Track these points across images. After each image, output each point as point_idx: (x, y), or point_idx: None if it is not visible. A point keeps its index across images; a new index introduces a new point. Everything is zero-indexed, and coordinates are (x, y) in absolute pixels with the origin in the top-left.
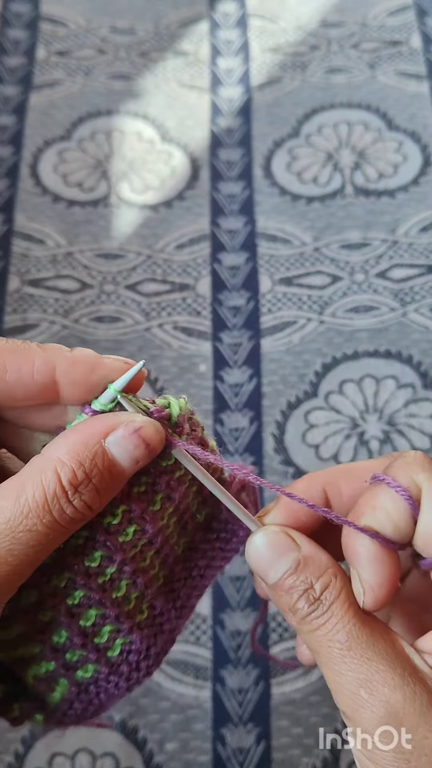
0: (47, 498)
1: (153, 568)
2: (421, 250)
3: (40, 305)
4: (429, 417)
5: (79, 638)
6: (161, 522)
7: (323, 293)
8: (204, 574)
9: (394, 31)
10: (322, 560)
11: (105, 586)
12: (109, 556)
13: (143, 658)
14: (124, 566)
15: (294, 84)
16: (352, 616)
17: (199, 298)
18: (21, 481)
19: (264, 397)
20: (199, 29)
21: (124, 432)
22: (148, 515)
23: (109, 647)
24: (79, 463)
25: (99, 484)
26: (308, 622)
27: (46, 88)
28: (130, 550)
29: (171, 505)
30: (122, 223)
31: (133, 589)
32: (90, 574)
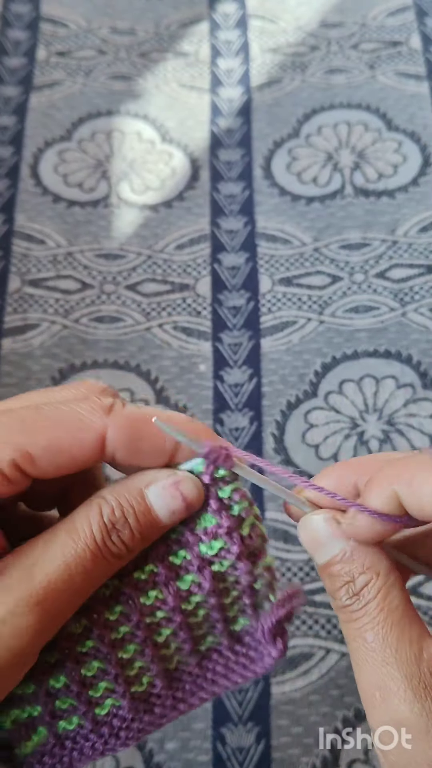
0: (93, 529)
1: (166, 647)
2: (421, 250)
3: (40, 305)
4: (429, 417)
5: (77, 686)
6: (185, 605)
7: (323, 293)
8: (217, 681)
9: (394, 32)
10: (368, 555)
11: (115, 642)
12: (127, 614)
13: (125, 727)
14: (138, 630)
15: (294, 84)
16: (383, 618)
17: (199, 298)
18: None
19: (264, 397)
20: (199, 30)
21: (165, 483)
22: (172, 588)
23: (99, 704)
24: (118, 503)
25: (134, 524)
26: (345, 612)
27: (47, 89)
28: (147, 616)
29: (200, 593)
30: (122, 223)
31: (139, 657)
32: (106, 626)
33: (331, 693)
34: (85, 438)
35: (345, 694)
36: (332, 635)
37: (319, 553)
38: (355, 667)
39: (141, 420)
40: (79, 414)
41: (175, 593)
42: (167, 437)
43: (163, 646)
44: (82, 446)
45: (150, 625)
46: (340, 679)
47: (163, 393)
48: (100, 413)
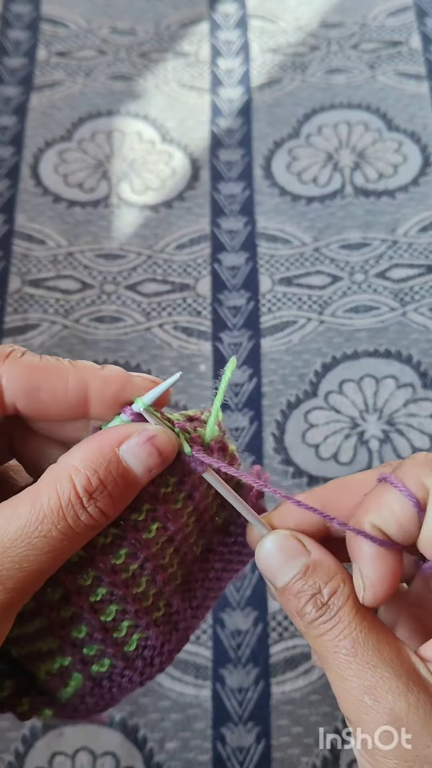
0: (62, 504)
1: (172, 566)
2: (421, 250)
3: (40, 305)
4: (429, 416)
5: (100, 633)
6: (182, 520)
7: (323, 293)
8: (220, 576)
9: (394, 32)
10: (330, 565)
11: (127, 582)
12: (133, 553)
13: (158, 654)
14: (146, 563)
15: (294, 84)
16: (359, 622)
17: (200, 298)
18: (37, 489)
19: (264, 396)
20: (200, 30)
21: (138, 440)
22: (170, 513)
23: (126, 642)
24: (93, 470)
25: (113, 491)
26: (315, 627)
27: (47, 89)
28: (152, 547)
29: (191, 503)
30: (123, 223)
31: (152, 586)
32: (115, 570)
33: (331, 693)
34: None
35: None
36: None
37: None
38: (335, 681)
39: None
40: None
41: (174, 516)
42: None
43: (168, 566)
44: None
45: (156, 554)
46: None
47: None
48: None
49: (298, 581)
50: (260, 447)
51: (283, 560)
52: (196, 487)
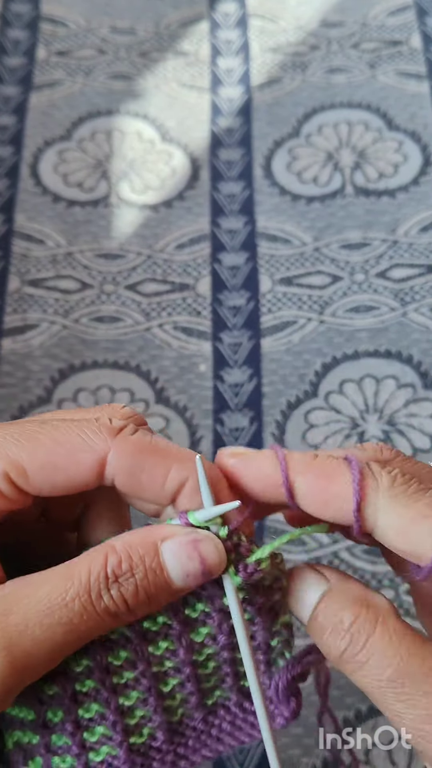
0: (90, 579)
1: (172, 698)
2: (421, 250)
3: (40, 305)
4: (429, 417)
5: (72, 726)
6: (198, 657)
7: (323, 293)
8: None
9: (395, 31)
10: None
11: (117, 688)
12: (133, 662)
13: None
14: (143, 678)
15: (294, 84)
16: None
17: (200, 298)
18: (78, 560)
19: (264, 397)
20: (200, 29)
21: (182, 539)
22: (186, 640)
23: (94, 749)
24: (128, 555)
25: (140, 582)
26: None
27: (47, 88)
28: (154, 666)
29: (214, 646)
30: (122, 223)
31: (142, 706)
32: (108, 670)
33: (332, 693)
34: (83, 459)
35: (345, 695)
36: None
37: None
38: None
39: (146, 449)
40: (81, 433)
41: (188, 646)
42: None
43: (168, 696)
44: (79, 467)
45: (157, 674)
46: (340, 680)
47: (163, 393)
48: (105, 436)
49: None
50: (260, 447)
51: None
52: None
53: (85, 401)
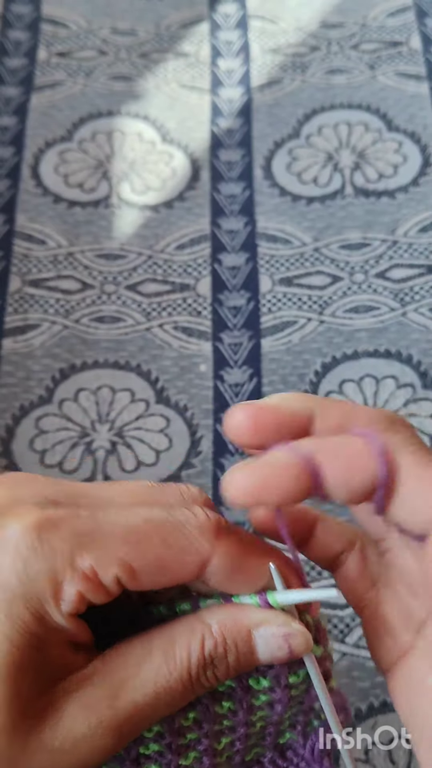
0: (191, 662)
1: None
2: (421, 251)
3: (41, 305)
4: (429, 417)
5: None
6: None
7: (323, 293)
8: None
9: (394, 32)
10: None
11: (180, 750)
12: (200, 721)
13: None
14: (204, 739)
15: (294, 85)
16: None
17: (200, 299)
18: (172, 638)
19: (264, 396)
20: (200, 30)
21: (276, 631)
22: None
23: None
24: (223, 638)
25: (233, 664)
26: None
27: (47, 89)
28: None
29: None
30: (123, 223)
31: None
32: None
33: None
34: (189, 561)
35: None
36: (332, 635)
37: None
38: None
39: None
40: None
41: (248, 709)
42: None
43: (219, 755)
44: (184, 569)
45: (216, 734)
46: (341, 680)
47: (164, 393)
48: (209, 536)
49: None
50: None
51: None
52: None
53: (86, 401)
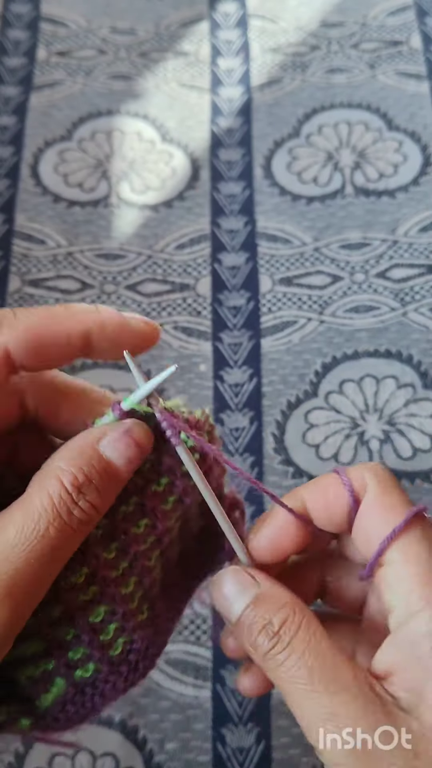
0: (54, 502)
1: (156, 569)
2: (421, 250)
3: (40, 305)
4: (429, 417)
5: (87, 635)
6: (169, 522)
7: (323, 293)
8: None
9: (395, 31)
10: (280, 595)
11: (117, 580)
12: (123, 549)
13: (142, 657)
14: (135, 561)
15: (294, 84)
16: (312, 650)
17: (200, 298)
18: (28, 495)
19: (264, 396)
20: (200, 29)
21: (115, 434)
22: (159, 512)
23: (111, 645)
24: (78, 467)
25: (99, 484)
26: (270, 659)
27: (47, 89)
28: (141, 545)
29: (181, 509)
30: (123, 223)
31: (139, 588)
32: (107, 566)
33: None
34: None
35: None
36: None
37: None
38: (297, 712)
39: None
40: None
41: (163, 516)
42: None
43: (153, 568)
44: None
45: (144, 552)
46: None
47: (164, 393)
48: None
49: (249, 613)
50: (260, 447)
51: (235, 594)
52: (188, 493)
53: None
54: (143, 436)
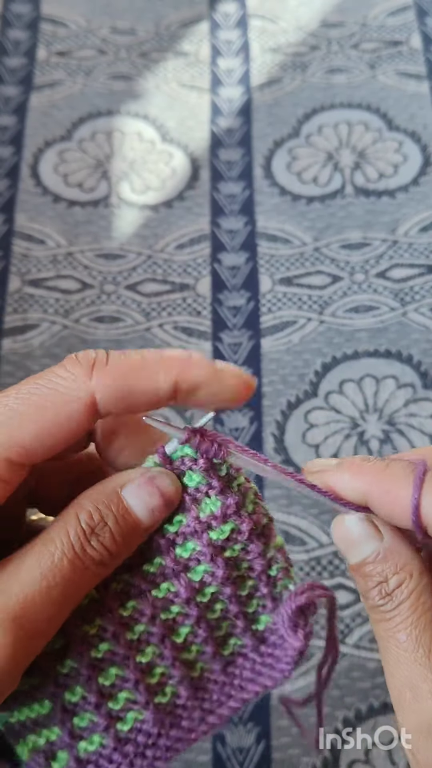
0: (70, 536)
1: (187, 651)
2: (421, 250)
3: (40, 305)
4: (429, 417)
5: (95, 696)
6: (200, 597)
7: (323, 293)
8: (244, 687)
9: (395, 31)
10: (402, 555)
11: (131, 644)
12: (141, 609)
13: (151, 744)
14: (153, 626)
15: (294, 84)
16: (417, 619)
17: (200, 298)
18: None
19: (264, 396)
20: (200, 30)
21: (139, 481)
22: (183, 579)
23: (121, 717)
24: (95, 507)
25: (114, 529)
26: (377, 612)
27: (47, 89)
28: (162, 610)
29: (214, 582)
30: (123, 223)
31: (159, 661)
32: (121, 623)
33: (332, 693)
34: (72, 410)
35: (345, 695)
36: None
37: (352, 553)
38: (385, 666)
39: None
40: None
41: (187, 584)
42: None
43: (184, 649)
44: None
45: (166, 622)
46: (340, 680)
47: None
48: (83, 379)
49: (369, 564)
50: (260, 447)
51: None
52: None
53: None
54: (169, 485)
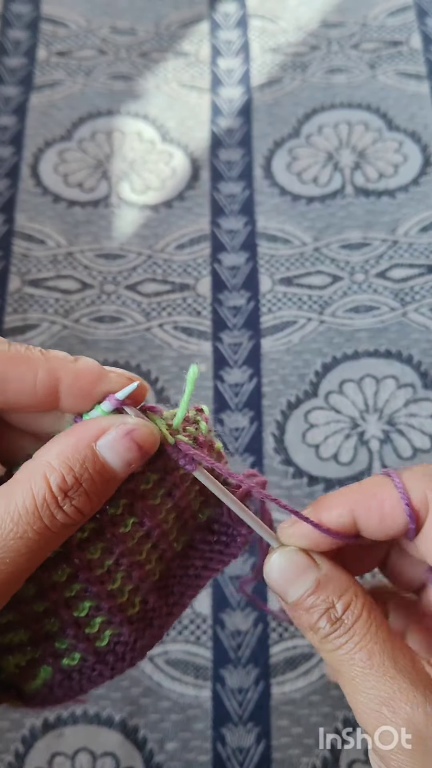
0: (37, 504)
1: (149, 562)
2: (422, 250)
3: (40, 305)
4: (429, 417)
5: (72, 629)
6: (159, 516)
7: (323, 293)
8: (200, 575)
9: (395, 31)
10: (342, 579)
11: (102, 578)
12: (109, 548)
13: (129, 649)
14: (122, 558)
15: (294, 84)
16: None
17: (200, 298)
18: (11, 488)
19: (264, 396)
20: (200, 30)
21: (116, 434)
22: (147, 509)
23: (98, 637)
24: (69, 467)
25: (90, 489)
26: (330, 642)
27: (47, 89)
28: (128, 542)
29: (171, 501)
30: (123, 223)
31: (128, 582)
32: (90, 566)
33: (332, 693)
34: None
35: None
36: None
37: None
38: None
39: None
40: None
41: (151, 512)
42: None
43: (146, 562)
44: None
45: (131, 549)
46: None
47: (163, 393)
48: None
49: (311, 596)
50: (260, 447)
51: (294, 575)
52: (177, 485)
53: None
54: (148, 438)
